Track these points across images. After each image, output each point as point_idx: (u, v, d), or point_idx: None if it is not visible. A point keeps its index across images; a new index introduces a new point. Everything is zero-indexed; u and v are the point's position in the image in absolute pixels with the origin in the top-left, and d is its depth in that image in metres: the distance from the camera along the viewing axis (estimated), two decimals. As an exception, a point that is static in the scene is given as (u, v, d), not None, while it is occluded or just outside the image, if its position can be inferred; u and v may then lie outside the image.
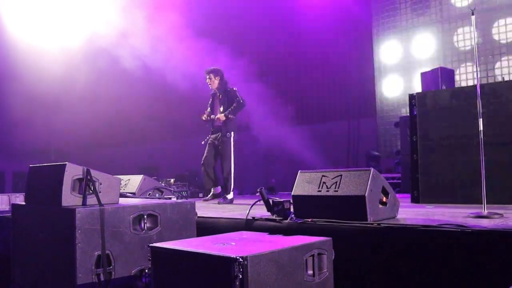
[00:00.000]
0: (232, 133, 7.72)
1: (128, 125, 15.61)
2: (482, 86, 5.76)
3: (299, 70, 14.56)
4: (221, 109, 7.76)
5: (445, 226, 3.43)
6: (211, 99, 8.08)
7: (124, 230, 3.62)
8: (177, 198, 5.77)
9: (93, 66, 11.63)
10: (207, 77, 7.88)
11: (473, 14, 4.56)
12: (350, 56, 13.44)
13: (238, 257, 2.47)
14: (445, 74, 8.82)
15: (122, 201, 4.01)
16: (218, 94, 7.90)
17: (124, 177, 6.19)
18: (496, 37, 11.06)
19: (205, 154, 7.83)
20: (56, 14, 11.12)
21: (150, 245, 3.02)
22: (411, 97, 6.83)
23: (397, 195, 6.32)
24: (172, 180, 10.88)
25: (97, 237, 3.44)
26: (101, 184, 3.72)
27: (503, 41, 10.96)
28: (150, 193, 6.01)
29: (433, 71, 9.02)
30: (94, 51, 10.86)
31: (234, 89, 7.87)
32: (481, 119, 4.49)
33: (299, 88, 14.72)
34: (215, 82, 7.86)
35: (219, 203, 7.46)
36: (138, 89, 12.01)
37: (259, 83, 10.94)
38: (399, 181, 9.82)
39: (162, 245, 2.99)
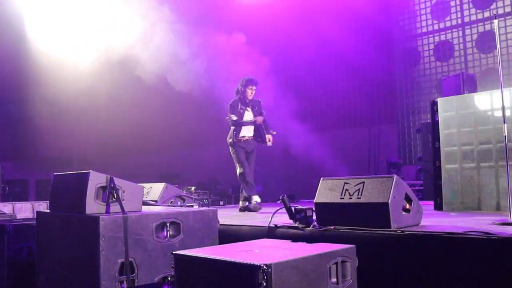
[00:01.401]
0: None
1: (149, 133, 15.75)
2: (506, 90, 5.68)
3: (321, 77, 14.54)
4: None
5: (470, 233, 3.38)
6: (240, 107, 7.81)
7: (147, 238, 3.64)
8: (199, 206, 5.79)
9: (115, 75, 11.75)
10: (255, 88, 7.76)
11: (495, 18, 4.51)
12: (371, 62, 13.39)
13: (262, 265, 2.46)
14: (467, 79, 8.73)
15: (145, 209, 4.03)
16: (250, 103, 7.79)
17: (146, 185, 6.22)
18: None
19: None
20: (78, 25, 11.27)
21: (174, 252, 3.03)
22: (433, 103, 6.77)
23: (420, 202, 6.26)
24: (193, 188, 10.91)
25: (120, 244, 3.46)
26: (124, 192, 3.75)
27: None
28: (172, 201, 6.04)
29: (455, 76, 8.93)
30: (115, 61, 10.97)
31: (260, 100, 7.91)
32: (505, 124, 4.42)
33: (321, 94, 14.71)
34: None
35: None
36: (159, 98, 12.10)
37: (279, 89, 10.94)
38: (421, 188, 9.73)
39: (186, 253, 3.00)
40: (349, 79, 13.94)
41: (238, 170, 7.65)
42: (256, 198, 7.51)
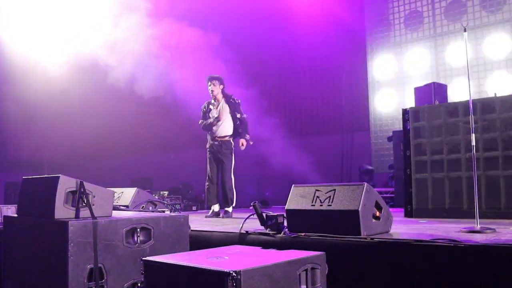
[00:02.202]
0: (233, 144, 7.70)
1: (122, 137, 15.59)
2: (474, 101, 5.80)
3: (293, 83, 14.60)
4: (221, 121, 7.61)
5: (438, 241, 3.44)
6: (205, 108, 7.79)
7: (117, 243, 3.61)
8: (171, 212, 5.75)
9: (87, 79, 11.63)
10: (210, 83, 7.61)
11: (465, 31, 4.61)
12: (343, 70, 13.52)
13: (231, 271, 2.47)
14: (438, 89, 8.89)
15: (115, 214, 4.00)
16: (216, 103, 7.65)
17: (117, 190, 6.17)
18: (486, 54, 11.17)
19: (209, 170, 7.73)
20: (51, 27, 11.13)
21: (143, 258, 3.02)
22: (405, 111, 6.88)
23: (391, 209, 6.34)
24: (165, 193, 10.84)
25: (89, 250, 3.42)
26: (94, 197, 3.71)
27: (495, 58, 11.07)
28: (143, 206, 5.99)
29: (427, 86, 9.08)
30: (88, 65, 10.86)
31: (238, 101, 7.73)
32: (473, 134, 4.51)
33: (293, 101, 14.77)
34: (218, 90, 7.64)
35: (222, 217, 7.39)
36: (132, 101, 12.01)
37: (251, 95, 10.96)
38: (393, 195, 9.84)
39: (155, 259, 2.98)
40: (323, 86, 14.03)
41: (233, 178, 7.72)
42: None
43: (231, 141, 7.67)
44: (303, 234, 4.00)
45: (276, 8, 12.69)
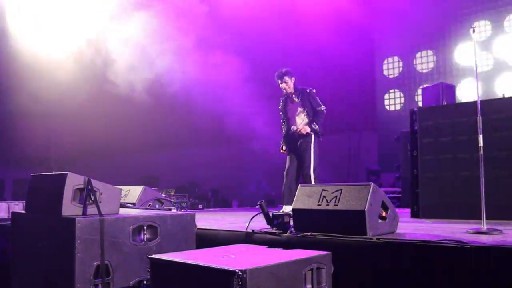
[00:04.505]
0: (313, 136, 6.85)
1: (129, 135, 15.63)
2: (482, 102, 5.78)
3: (303, 83, 14.59)
4: (302, 114, 6.92)
5: (444, 242, 3.43)
6: (283, 104, 7.18)
7: (124, 241, 3.63)
8: (177, 210, 5.77)
9: (95, 76, 11.67)
10: (281, 81, 6.98)
11: (474, 32, 4.59)
12: (352, 69, 13.49)
13: (237, 270, 2.47)
14: (446, 90, 8.85)
15: (122, 211, 4.02)
16: (293, 97, 7.01)
17: (124, 188, 6.19)
18: (496, 55, 11.15)
19: (287, 166, 6.97)
20: (60, 23, 11.17)
21: (150, 256, 3.03)
22: (412, 112, 6.86)
23: (397, 209, 6.33)
24: (172, 191, 10.87)
25: (96, 247, 3.44)
26: (101, 194, 3.73)
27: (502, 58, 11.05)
28: (150, 204, 6.02)
29: (434, 87, 9.05)
30: (98, 59, 10.89)
31: (314, 91, 7.00)
32: (481, 135, 4.50)
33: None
34: (291, 84, 6.99)
35: None
36: (141, 98, 12.04)
37: (260, 94, 10.96)
38: (399, 195, 9.82)
39: (161, 257, 3.00)
40: (331, 86, 14.00)
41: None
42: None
43: None
44: (309, 233, 4.00)
45: (285, 6, 12.68)
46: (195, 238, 4.20)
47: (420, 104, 9.49)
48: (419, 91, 10.14)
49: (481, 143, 4.49)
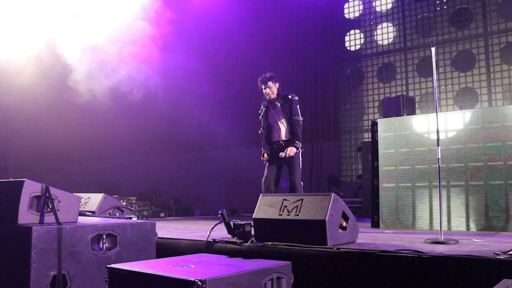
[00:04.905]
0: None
1: (91, 141, 15.38)
2: (440, 114, 5.93)
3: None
4: (284, 120, 6.60)
5: (402, 251, 3.50)
6: (264, 109, 6.88)
7: (82, 250, 3.56)
8: (138, 218, 5.70)
9: (53, 82, 11.45)
10: (264, 86, 6.65)
11: (433, 46, 4.71)
12: (317, 79, 13.63)
13: (196, 280, 2.46)
14: (407, 102, 9.02)
15: (81, 220, 3.95)
16: (275, 102, 6.69)
17: (84, 195, 6.09)
18: (455, 67, 11.46)
19: (266, 173, 6.67)
20: (15, 25, 10.90)
21: (108, 266, 2.98)
22: (374, 123, 6.98)
23: (358, 219, 6.41)
24: (133, 199, 10.74)
25: (53, 256, 3.37)
26: (60, 202, 3.66)
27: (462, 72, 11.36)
28: (110, 212, 5.93)
29: (395, 98, 9.21)
30: (57, 64, 10.69)
31: (296, 98, 6.69)
32: (439, 147, 4.60)
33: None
34: (275, 90, 6.67)
35: None
36: (101, 105, 11.87)
37: (221, 102, 10.96)
38: (360, 205, 9.94)
39: (120, 266, 2.95)
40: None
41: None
42: None
43: None
44: (270, 243, 4.02)
45: (252, 15, 12.75)
46: (156, 247, 4.16)
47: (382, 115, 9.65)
48: (381, 103, 10.31)
49: (439, 155, 4.59)
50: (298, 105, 6.65)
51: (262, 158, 6.86)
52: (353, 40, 13.35)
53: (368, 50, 13.11)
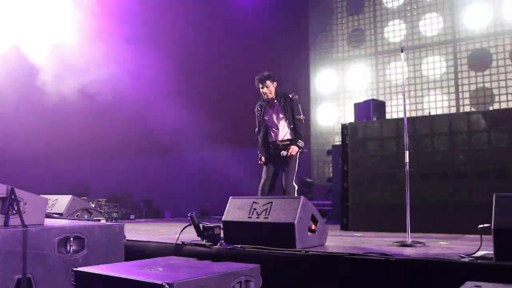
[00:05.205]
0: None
1: (59, 142, 15.12)
2: (409, 119, 6.02)
3: (236, 94, 14.62)
4: (284, 121, 6.36)
5: (369, 254, 3.54)
6: (260, 109, 6.59)
7: (48, 253, 3.50)
8: (107, 220, 5.65)
9: (23, 81, 11.24)
10: (262, 85, 6.37)
11: (402, 51, 4.78)
12: (286, 83, 13.66)
13: (164, 284, 2.45)
14: (377, 106, 9.13)
15: (48, 222, 3.88)
16: (274, 102, 6.42)
17: (51, 197, 6.00)
18: (425, 73, 11.65)
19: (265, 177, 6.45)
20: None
21: (74, 269, 2.95)
22: (344, 126, 7.04)
23: (328, 222, 6.46)
24: (103, 201, 10.61)
25: (18, 260, 3.31)
26: (26, 204, 3.59)
27: (431, 77, 11.55)
28: (78, 214, 5.86)
29: (366, 103, 9.32)
30: (24, 65, 10.49)
31: (296, 97, 6.45)
32: (407, 152, 4.67)
33: (235, 111, 14.77)
34: (273, 89, 6.39)
35: None
36: (70, 106, 11.68)
37: (192, 105, 10.91)
38: (330, 208, 10.01)
39: (87, 270, 2.92)
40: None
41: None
42: None
43: None
44: (239, 246, 4.01)
45: (220, 20, 12.72)
46: (124, 249, 4.12)
47: (352, 119, 9.74)
48: (352, 106, 10.40)
49: (407, 159, 4.66)
50: (299, 104, 6.45)
51: (259, 161, 6.61)
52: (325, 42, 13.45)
53: (340, 54, 13.23)
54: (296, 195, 6.16)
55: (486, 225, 3.23)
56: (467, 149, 6.04)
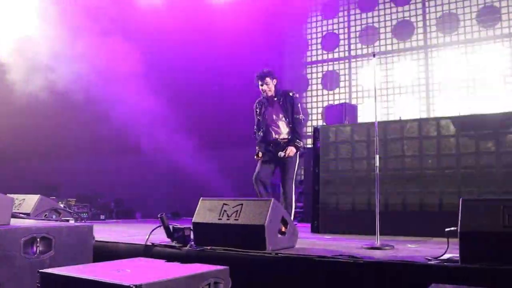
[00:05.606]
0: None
1: (28, 140, 14.84)
2: (380, 123, 6.10)
3: (210, 96, 14.58)
4: (283, 120, 6.32)
5: (338, 257, 3.57)
6: (259, 107, 6.59)
7: (14, 254, 3.44)
8: (76, 221, 5.57)
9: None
10: (262, 82, 6.32)
11: (374, 56, 4.84)
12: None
13: (132, 285, 2.42)
14: (349, 110, 9.22)
15: (14, 222, 3.82)
16: (274, 100, 6.38)
17: (18, 197, 5.89)
18: (397, 78, 11.81)
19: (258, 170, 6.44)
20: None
21: (40, 270, 2.89)
22: (315, 130, 7.09)
23: (299, 224, 6.47)
24: (73, 201, 10.46)
25: (-17, 260, 3.25)
26: (-10, 203, 3.53)
27: (403, 82, 11.71)
28: (46, 215, 5.76)
29: (338, 106, 9.40)
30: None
31: (297, 95, 6.42)
32: (377, 155, 4.73)
33: (207, 113, 14.73)
34: (272, 87, 6.33)
35: None
36: (39, 102, 11.48)
37: (164, 104, 10.85)
38: (302, 210, 10.06)
39: (53, 271, 2.87)
40: (238, 100, 14.09)
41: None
42: None
43: None
44: (208, 247, 4.01)
45: (197, 22, 12.66)
46: (93, 251, 4.07)
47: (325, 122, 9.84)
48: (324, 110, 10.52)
49: (377, 163, 4.71)
50: (299, 103, 6.43)
51: (255, 157, 6.56)
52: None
53: (314, 57, 13.33)
54: (294, 197, 6.29)
55: (452, 228, 3.29)
56: (436, 153, 6.14)
